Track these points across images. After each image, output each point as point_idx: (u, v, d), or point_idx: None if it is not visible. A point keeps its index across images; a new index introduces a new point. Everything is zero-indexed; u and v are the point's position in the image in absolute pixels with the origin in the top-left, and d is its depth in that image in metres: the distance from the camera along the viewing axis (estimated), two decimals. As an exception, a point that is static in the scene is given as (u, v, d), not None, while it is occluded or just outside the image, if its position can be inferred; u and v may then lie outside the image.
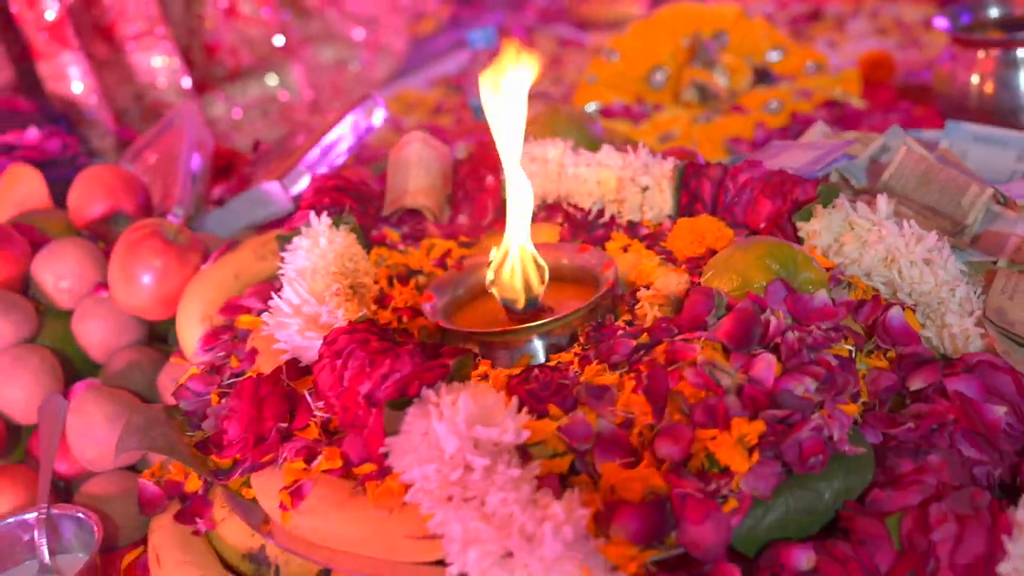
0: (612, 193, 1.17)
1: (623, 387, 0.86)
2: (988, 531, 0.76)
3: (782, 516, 0.79)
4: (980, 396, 0.87)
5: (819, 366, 0.85)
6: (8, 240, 1.17)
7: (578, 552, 0.74)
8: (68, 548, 1.01)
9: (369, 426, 0.83)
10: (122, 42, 1.84)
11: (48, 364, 1.11)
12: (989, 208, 1.09)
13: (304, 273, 1.02)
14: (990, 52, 1.51)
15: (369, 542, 0.83)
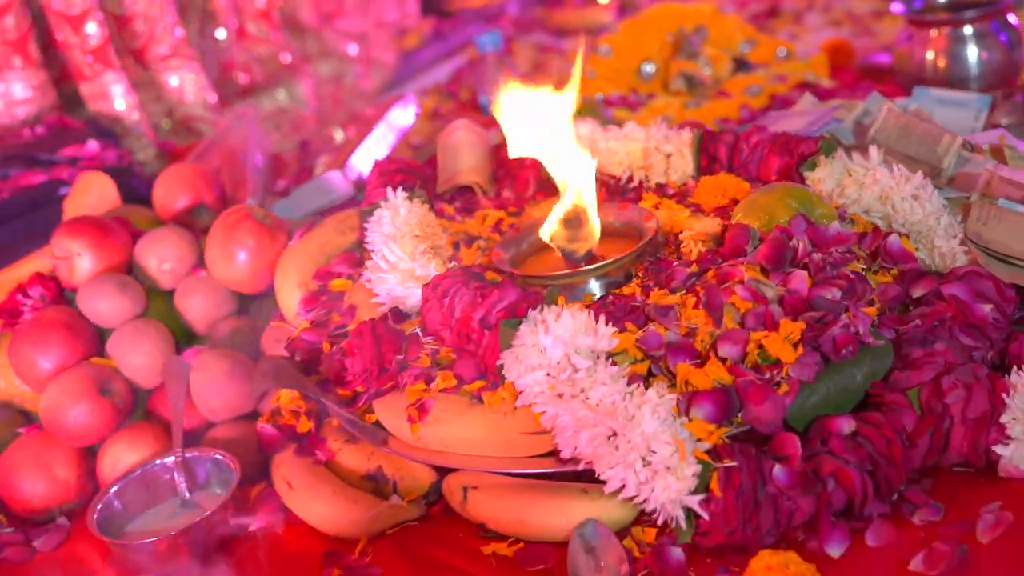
0: (639, 161, 1.36)
1: (684, 305, 1.04)
2: (989, 393, 0.95)
3: (824, 396, 0.98)
4: (970, 297, 1.07)
5: (840, 279, 1.05)
6: (113, 231, 1.32)
7: (670, 428, 0.92)
8: (203, 486, 1.16)
9: (485, 345, 1.00)
10: (152, 63, 1.99)
11: (164, 334, 1.27)
12: (960, 154, 1.30)
13: (392, 238, 1.19)
14: (941, 31, 1.72)
15: (488, 442, 1.01)
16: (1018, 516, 0.89)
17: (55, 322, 1.24)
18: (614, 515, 0.98)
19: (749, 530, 0.91)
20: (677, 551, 0.94)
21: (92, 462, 1.23)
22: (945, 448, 0.96)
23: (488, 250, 1.27)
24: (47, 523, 1.21)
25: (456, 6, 3.14)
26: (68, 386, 1.20)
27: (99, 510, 1.11)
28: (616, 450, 0.93)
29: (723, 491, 0.90)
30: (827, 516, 0.92)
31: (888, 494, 0.94)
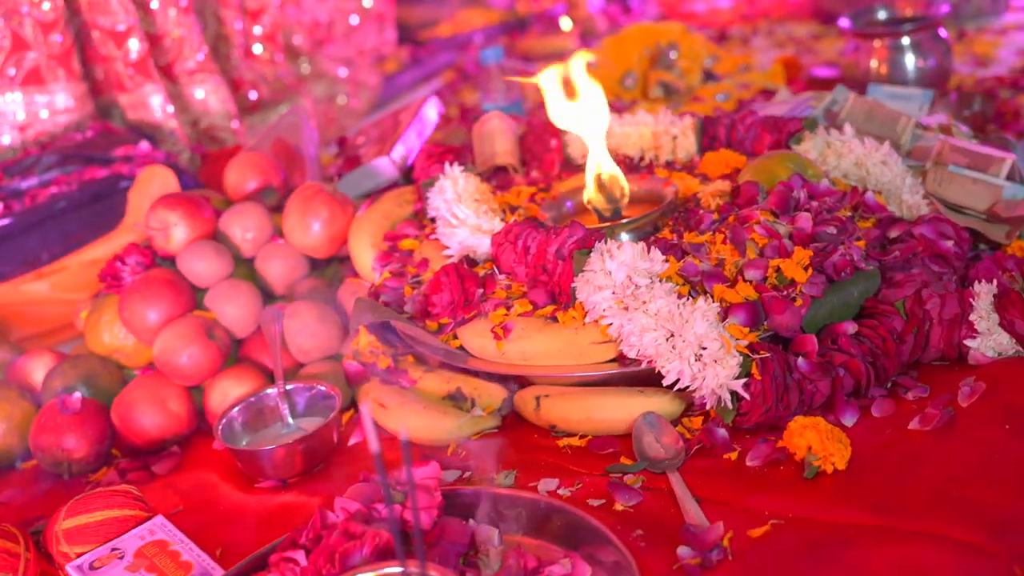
0: (650, 142, 1.61)
1: (713, 243, 1.28)
2: (959, 299, 1.21)
3: (830, 308, 1.23)
4: (935, 236, 1.33)
5: (834, 221, 1.30)
6: (203, 205, 1.52)
7: (716, 329, 1.16)
8: (303, 414, 1.36)
9: (559, 273, 1.23)
10: (179, 77, 2.18)
11: (254, 290, 1.47)
12: (914, 132, 1.57)
13: (455, 202, 1.41)
14: (883, 42, 2.01)
15: (563, 352, 1.23)
16: (988, 387, 1.14)
17: (161, 280, 1.43)
18: (666, 408, 1.21)
19: (781, 408, 1.15)
20: (722, 430, 1.17)
21: (197, 399, 1.42)
22: (926, 344, 1.21)
23: (527, 217, 1.50)
24: (161, 451, 1.39)
25: (426, 35, 3.38)
26: (180, 331, 1.39)
27: (222, 427, 1.30)
28: (673, 348, 1.16)
29: (761, 375, 1.14)
30: (841, 395, 1.16)
31: (885, 380, 1.19)
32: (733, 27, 2.94)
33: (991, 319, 1.20)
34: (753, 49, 2.72)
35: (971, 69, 2.24)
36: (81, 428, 1.35)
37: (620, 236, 1.38)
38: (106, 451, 1.38)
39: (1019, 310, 1.19)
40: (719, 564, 1.00)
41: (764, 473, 1.12)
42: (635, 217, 1.39)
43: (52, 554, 1.16)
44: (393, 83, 2.99)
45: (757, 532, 1.03)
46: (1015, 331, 1.19)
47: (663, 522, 1.08)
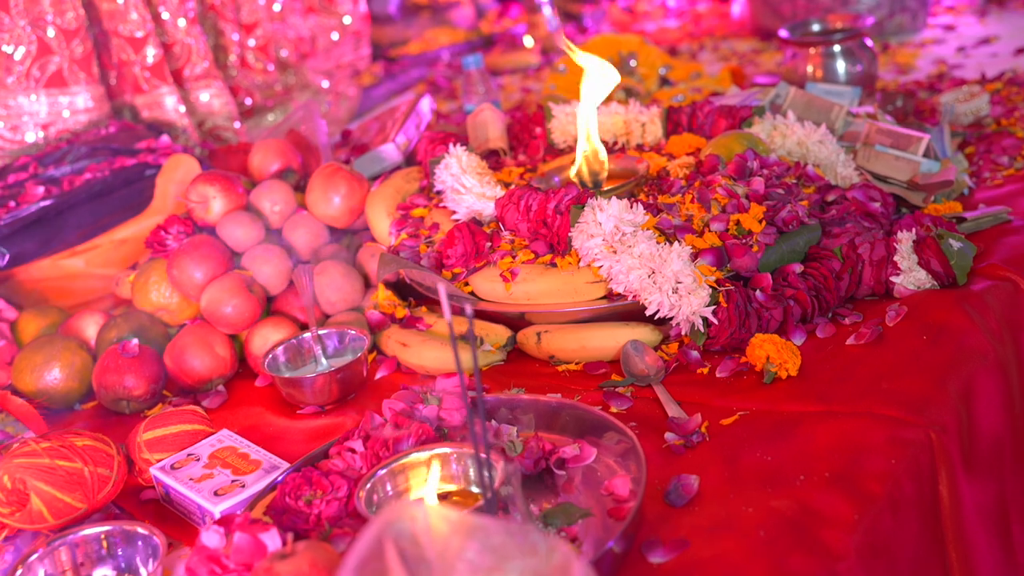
0: (622, 129, 1.86)
1: (683, 202, 1.53)
2: (885, 244, 1.48)
3: (781, 253, 1.48)
4: (865, 198, 1.60)
5: (783, 185, 1.56)
6: (237, 181, 1.73)
7: (690, 266, 1.41)
8: (334, 355, 1.58)
9: (558, 225, 1.47)
10: (187, 81, 2.40)
11: (284, 253, 1.68)
12: (845, 119, 1.85)
13: (460, 174, 1.65)
14: (817, 50, 2.30)
15: (562, 291, 1.47)
16: (910, 311, 1.40)
17: (206, 243, 1.65)
18: (648, 337, 1.45)
19: (743, 331, 1.40)
20: (695, 352, 1.42)
21: (238, 346, 1.63)
22: (859, 281, 1.48)
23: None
24: (208, 391, 1.60)
25: (397, 53, 3.62)
26: (225, 286, 1.60)
27: (268, 363, 1.52)
28: (654, 283, 1.41)
29: (726, 304, 1.39)
30: (791, 321, 1.42)
31: (827, 310, 1.45)
32: (682, 44, 3.23)
33: (911, 259, 1.46)
34: (701, 62, 3.00)
35: (894, 76, 2.54)
36: (139, 369, 1.55)
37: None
38: (159, 391, 1.59)
39: (933, 251, 1.46)
40: (699, 444, 1.24)
41: (731, 381, 1.37)
42: (615, 186, 1.64)
43: (135, 461, 1.36)
44: (370, 95, 3.23)
45: (727, 421, 1.27)
46: (931, 268, 1.45)
47: (651, 419, 1.32)
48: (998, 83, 2.27)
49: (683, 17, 3.60)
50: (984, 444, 1.28)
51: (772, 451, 1.20)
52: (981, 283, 1.45)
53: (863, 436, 1.19)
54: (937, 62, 2.58)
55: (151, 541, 1.17)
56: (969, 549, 1.22)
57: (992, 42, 2.66)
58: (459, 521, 0.82)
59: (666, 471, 1.20)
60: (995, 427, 1.31)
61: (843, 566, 1.03)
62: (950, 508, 1.20)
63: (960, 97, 2.11)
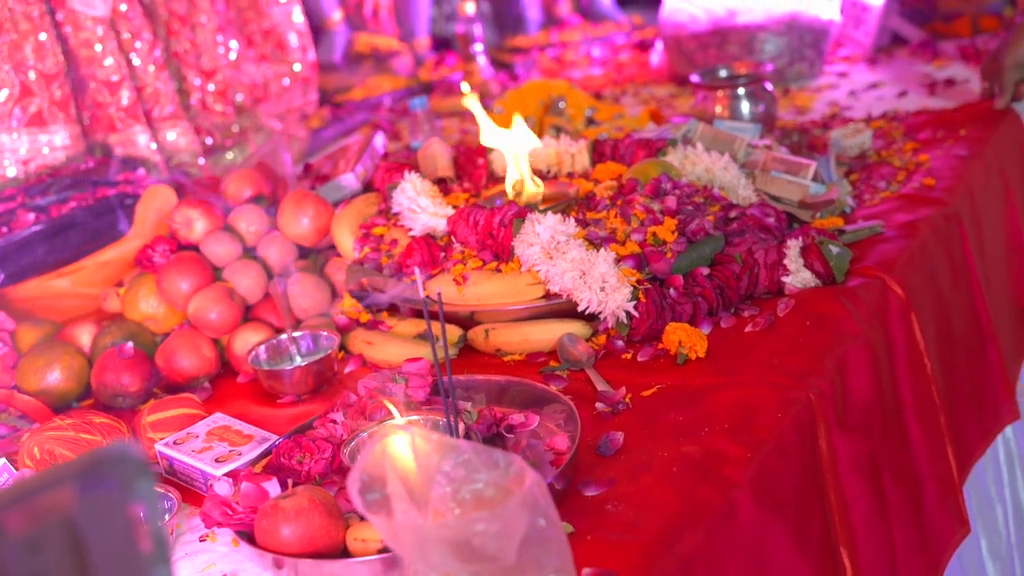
0: (554, 160, 2.13)
1: (608, 218, 1.80)
2: (777, 250, 1.76)
3: (691, 259, 1.75)
4: (761, 215, 1.88)
5: (692, 203, 1.84)
6: (216, 205, 1.96)
7: (614, 269, 1.67)
8: (307, 354, 1.81)
9: (503, 236, 1.73)
10: (156, 121, 2.62)
11: (261, 267, 1.91)
12: (745, 150, 2.14)
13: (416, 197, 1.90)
14: (725, 92, 2.60)
15: (507, 292, 1.72)
16: (797, 304, 1.68)
17: (191, 259, 1.87)
18: (580, 330, 1.71)
19: (659, 323, 1.66)
20: (620, 342, 1.67)
21: (221, 348, 1.85)
22: (756, 282, 1.75)
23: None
24: (196, 387, 1.81)
25: (342, 98, 3.88)
26: (210, 295, 1.82)
27: (251, 357, 1.74)
28: (584, 283, 1.66)
29: (645, 300, 1.65)
30: (700, 314, 1.69)
31: (729, 306, 1.72)
32: (606, 89, 3.53)
33: (798, 262, 1.74)
34: (623, 105, 3.30)
35: (793, 116, 2.86)
36: (135, 369, 1.76)
37: (538, 222, 1.89)
38: (151, 388, 1.80)
39: (816, 255, 1.74)
40: (623, 411, 1.50)
41: (650, 364, 1.63)
42: (549, 206, 1.90)
43: (140, 440, 1.58)
44: (318, 137, 3.47)
45: (647, 392, 1.53)
46: (814, 269, 1.73)
47: (584, 394, 1.57)
48: (881, 121, 2.60)
49: (607, 66, 3.92)
50: (856, 408, 1.56)
51: (683, 413, 1.46)
52: (856, 281, 1.73)
53: (757, 399, 1.45)
54: (831, 104, 2.91)
55: (167, 497, 1.38)
56: (845, 494, 1.49)
57: (879, 87, 3.00)
58: (438, 441, 1.06)
59: (597, 431, 1.45)
60: (865, 395, 1.59)
61: (738, 493, 1.29)
62: (828, 458, 1.46)
63: (847, 133, 2.42)
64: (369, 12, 4.39)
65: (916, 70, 3.13)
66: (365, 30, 4.37)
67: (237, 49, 3.25)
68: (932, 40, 3.36)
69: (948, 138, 2.39)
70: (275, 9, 3.29)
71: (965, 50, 3.18)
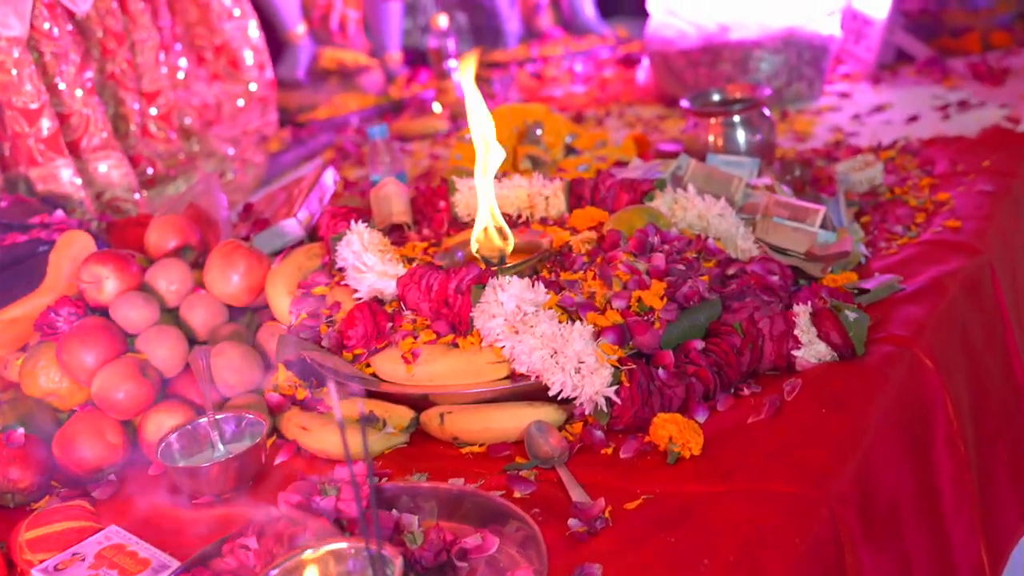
0: (526, 203, 1.86)
1: (585, 279, 1.53)
2: (785, 318, 1.49)
3: (683, 330, 1.48)
4: (764, 272, 1.61)
5: (683, 261, 1.57)
6: (131, 261, 1.69)
7: (591, 346, 1.40)
8: (230, 441, 1.53)
9: (459, 305, 1.46)
10: (84, 152, 2.34)
11: (181, 335, 1.64)
12: (744, 191, 1.88)
13: (362, 252, 1.63)
14: (718, 119, 2.34)
15: (464, 371, 1.45)
16: (805, 385, 1.41)
17: (97, 327, 1.59)
18: (552, 417, 1.44)
19: (646, 410, 1.39)
20: (599, 432, 1.40)
21: (131, 432, 1.58)
22: (761, 357, 1.48)
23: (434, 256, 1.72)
24: (100, 480, 1.53)
25: (305, 118, 3.60)
26: (117, 370, 1.55)
27: (161, 451, 1.47)
28: (557, 363, 1.40)
29: (629, 383, 1.38)
30: (694, 398, 1.42)
31: (729, 386, 1.46)
32: (588, 110, 3.27)
33: (810, 332, 1.48)
34: (607, 128, 3.04)
35: (792, 143, 2.60)
36: (24, 460, 1.48)
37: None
38: (47, 482, 1.52)
39: (832, 323, 1.47)
40: (602, 531, 1.23)
41: (635, 462, 1.36)
42: (518, 262, 1.63)
43: (16, 563, 1.30)
44: (277, 161, 3.19)
45: (632, 505, 1.26)
46: (830, 340, 1.47)
47: (555, 504, 1.30)
48: (891, 151, 2.33)
49: (590, 83, 3.65)
50: (884, 512, 1.30)
51: (676, 534, 1.19)
52: (878, 352, 1.47)
53: (766, 516, 1.19)
54: (834, 129, 2.65)
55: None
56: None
57: (885, 109, 2.74)
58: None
59: (570, 559, 1.18)
60: (894, 493, 1.33)
61: (746, 657, 1.02)
62: (853, 582, 1.20)
63: (855, 166, 2.16)
64: (336, 25, 4.11)
65: (924, 91, 2.87)
66: (331, 44, 4.09)
67: (186, 68, 2.98)
68: (940, 57, 3.11)
69: (970, 171, 2.14)
70: (228, 24, 3.01)
71: (976, 68, 2.93)
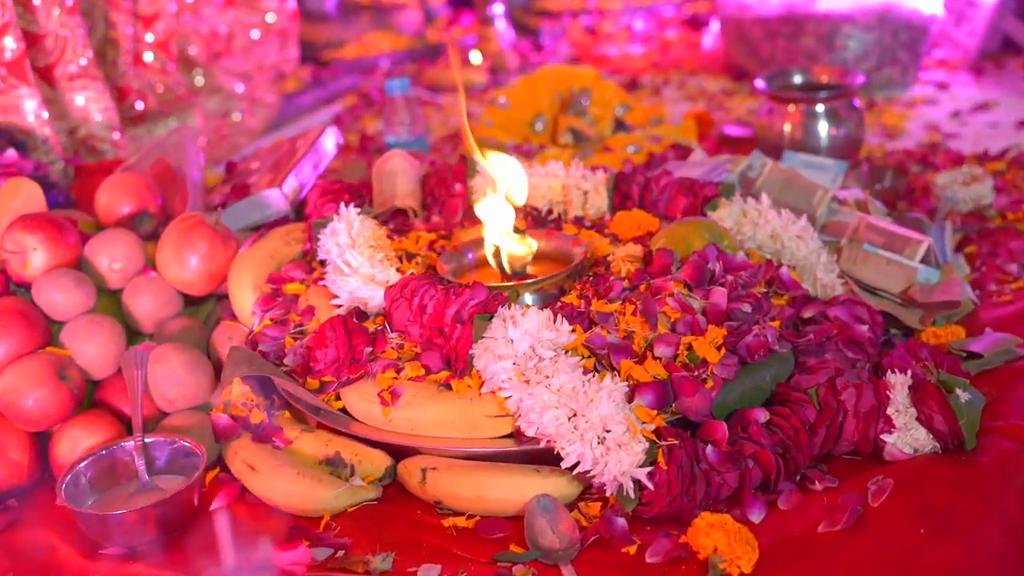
0: (559, 196, 1.52)
1: (623, 313, 1.20)
2: (875, 391, 1.15)
3: (741, 392, 1.15)
4: (850, 319, 1.28)
5: (749, 298, 1.23)
6: (65, 228, 1.37)
7: (622, 411, 1.07)
8: (162, 471, 1.22)
9: (457, 337, 1.13)
10: (59, 81, 2.02)
11: (117, 328, 1.33)
12: (830, 206, 1.53)
13: (349, 247, 1.30)
14: (798, 107, 1.98)
15: (456, 424, 1.13)
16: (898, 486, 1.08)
17: (12, 311, 1.28)
18: (563, 491, 1.12)
19: (686, 500, 1.06)
20: (621, 520, 1.08)
21: (42, 447, 1.27)
22: (839, 437, 1.15)
23: (425, 266, 1.39)
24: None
25: (331, 56, 3.26)
26: (28, 371, 1.24)
27: (67, 484, 1.16)
28: (575, 429, 1.07)
29: (667, 464, 1.05)
30: (749, 489, 1.09)
31: (795, 473, 1.12)
32: (645, 75, 2.90)
33: (908, 413, 1.14)
34: (664, 100, 2.68)
35: (880, 140, 2.23)
36: (-97, 474, 1.19)
37: (524, 297, 1.29)
38: (-68, 502, 1.22)
39: (937, 403, 1.13)
40: None
41: (664, 572, 1.03)
42: (541, 277, 1.30)
43: None
44: (292, 103, 2.87)
45: (655, 641, 0.94)
46: (933, 426, 1.13)
47: (554, 622, 0.98)
48: (1001, 163, 1.96)
49: (649, 43, 3.28)
50: None
51: None
52: (995, 449, 1.13)
53: None
54: (929, 127, 2.28)
55: None
56: None
57: (991, 108, 2.36)
58: None
59: None
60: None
61: None
62: None
63: (959, 179, 1.80)
64: (375, -47, 3.74)
65: (1037, 89, 2.48)
66: (368, -25, 3.73)
67: (197, -11, 2.64)
68: (1055, 50, 2.71)
69: (1100, 198, 1.77)
70: (248, -57, 2.67)
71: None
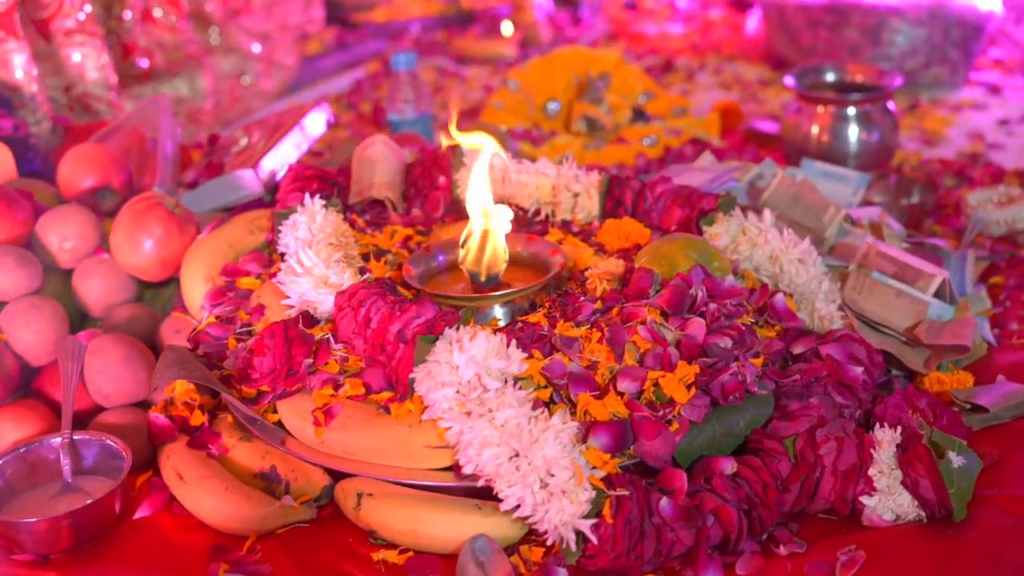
0: (548, 197, 1.42)
1: (588, 339, 1.10)
2: (858, 447, 1.04)
3: (710, 437, 1.05)
4: (844, 359, 1.16)
5: (732, 330, 1.12)
6: (16, 202, 1.30)
7: (569, 453, 0.97)
8: (89, 471, 1.15)
9: (398, 358, 1.04)
10: (55, 35, 1.94)
11: (59, 313, 1.25)
12: (841, 225, 1.40)
13: (307, 243, 1.21)
14: (827, 108, 1.85)
15: (391, 452, 1.04)
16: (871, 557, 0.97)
17: (-54, 290, 1.21)
18: (504, 532, 1.02)
19: (632, 557, 0.96)
20: (563, 572, 0.99)
21: (-31, 437, 1.20)
22: (814, 495, 1.04)
23: (396, 265, 1.30)
24: (-87, 497, 1.17)
25: (359, 19, 3.16)
26: (-44, 356, 1.17)
27: (-16, 481, 1.09)
28: (517, 470, 0.97)
29: (613, 518, 0.96)
30: (704, 549, 0.99)
31: (760, 532, 1.02)
32: (680, 58, 2.76)
33: (892, 476, 1.02)
34: (697, 85, 2.55)
35: (918, 146, 2.08)
36: None
37: (492, 309, 1.19)
38: None
39: (925, 467, 1.02)
40: None
41: (601, 636, 0.94)
42: (511, 290, 1.20)
43: None
44: (313, 66, 2.77)
45: None
46: (919, 492, 1.02)
47: None
48: (1044, 183, 1.82)
49: (691, 23, 3.14)
50: None
51: None
52: (986, 522, 1.01)
53: None
54: (973, 135, 2.13)
55: None
56: None
57: (1043, 118, 2.21)
58: None
59: None
60: None
61: None
62: None
63: (994, 199, 1.66)
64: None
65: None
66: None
67: (217, -58, 2.55)
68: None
69: None
70: None
71: None
